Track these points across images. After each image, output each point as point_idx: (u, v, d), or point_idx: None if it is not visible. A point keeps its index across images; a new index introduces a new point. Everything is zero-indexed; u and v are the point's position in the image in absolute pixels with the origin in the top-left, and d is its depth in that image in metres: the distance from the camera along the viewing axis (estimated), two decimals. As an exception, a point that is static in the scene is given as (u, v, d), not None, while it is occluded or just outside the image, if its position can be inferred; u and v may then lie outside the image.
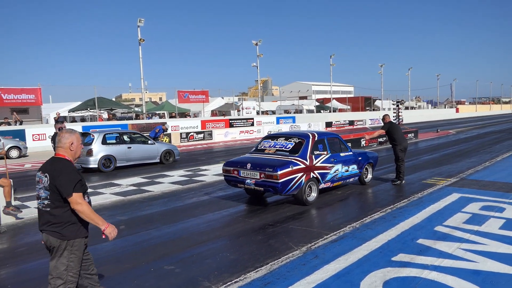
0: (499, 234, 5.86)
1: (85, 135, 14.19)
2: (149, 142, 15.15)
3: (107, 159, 13.54)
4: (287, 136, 8.85)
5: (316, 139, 8.54)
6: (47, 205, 3.34)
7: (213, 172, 12.77)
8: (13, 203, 8.14)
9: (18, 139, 19.72)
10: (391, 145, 10.38)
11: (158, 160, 15.13)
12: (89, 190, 10.19)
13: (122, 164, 14.07)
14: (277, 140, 8.80)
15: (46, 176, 3.36)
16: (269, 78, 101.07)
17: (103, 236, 3.54)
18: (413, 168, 12.45)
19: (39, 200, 3.41)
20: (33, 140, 21.63)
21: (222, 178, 11.60)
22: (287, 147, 8.40)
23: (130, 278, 4.76)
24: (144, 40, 28.62)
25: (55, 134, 8.54)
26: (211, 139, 27.94)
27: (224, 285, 4.46)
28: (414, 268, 4.72)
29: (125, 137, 14.64)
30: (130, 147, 14.32)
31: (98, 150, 13.42)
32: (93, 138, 13.59)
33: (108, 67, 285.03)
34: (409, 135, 22.97)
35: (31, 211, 8.17)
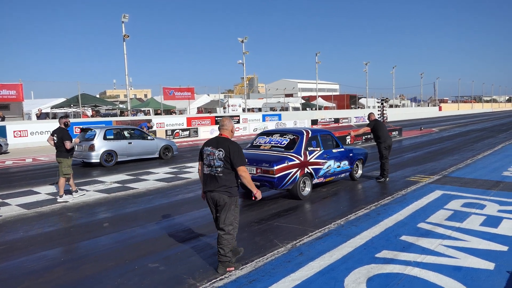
0: (479, 231, 5.98)
1: (86, 131, 14.11)
2: (149, 137, 15.37)
3: (109, 154, 13.70)
4: (282, 132, 9.05)
5: (310, 135, 8.77)
6: (221, 172, 4.59)
7: (198, 170, 12.68)
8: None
9: (-2, 135, 19.31)
10: (375, 143, 10.49)
11: (157, 155, 15.36)
12: (72, 187, 10.06)
13: (122, 159, 14.24)
14: (272, 136, 8.99)
15: (220, 151, 4.59)
16: (255, 76, 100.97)
17: (253, 198, 4.86)
18: (397, 165, 12.60)
19: (211, 168, 4.65)
20: (14, 136, 21.19)
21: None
22: (282, 143, 8.61)
23: (114, 276, 4.71)
24: (128, 36, 28.26)
25: (59, 128, 8.79)
26: (197, 136, 27.81)
27: (209, 283, 4.44)
28: (397, 264, 4.78)
29: (126, 133, 14.85)
30: (131, 143, 14.50)
31: (100, 146, 13.55)
32: (95, 134, 13.69)
33: (92, 63, 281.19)
34: (393, 133, 23.25)
35: (12, 208, 8.01)
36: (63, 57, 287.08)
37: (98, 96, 43.59)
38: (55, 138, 8.71)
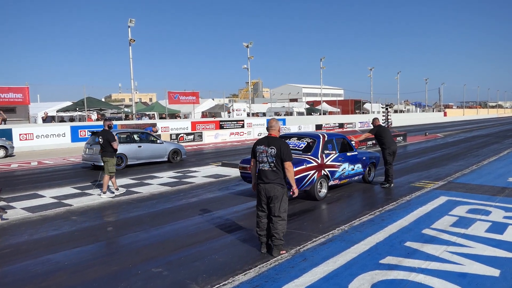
0: (485, 237, 5.93)
1: (97, 134, 14.18)
2: (158, 141, 15.57)
3: (119, 158, 13.72)
4: (299, 136, 9.43)
5: (326, 139, 9.11)
6: (274, 166, 5.29)
7: (202, 174, 12.71)
8: (-1, 204, 8.02)
9: (4, 138, 19.42)
10: (380, 149, 10.44)
11: (166, 159, 15.57)
12: (77, 191, 10.11)
13: (132, 162, 14.40)
14: (289, 139, 9.28)
15: (272, 148, 5.29)
16: (260, 80, 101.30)
17: (291, 193, 5.55)
18: (401, 171, 12.54)
19: (265, 164, 5.34)
20: (20, 139, 21.32)
21: (212, 180, 11.60)
22: (300, 146, 8.97)
23: (117, 281, 4.71)
24: (134, 40, 28.43)
25: (104, 130, 9.54)
26: (201, 140, 27.85)
27: (212, 288, 4.43)
28: (402, 270, 4.75)
29: (135, 137, 15.01)
30: (140, 146, 14.69)
31: None
32: None
33: (98, 67, 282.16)
34: (398, 138, 23.14)
35: (16, 212, 8.05)
36: (69, 61, 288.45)
37: (103, 99, 43.79)
38: (100, 140, 9.39)
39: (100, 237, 6.46)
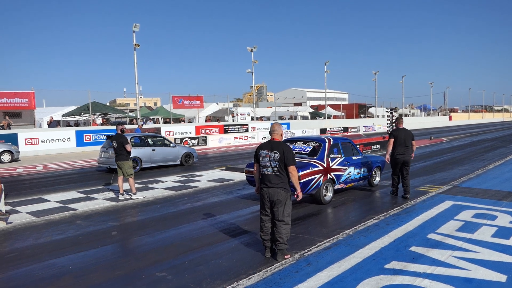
0: (491, 242, 5.88)
1: (111, 139, 14.31)
2: (171, 145, 15.86)
3: (134, 161, 13.85)
4: (305, 140, 9.46)
5: (331, 143, 9.15)
6: (277, 171, 5.27)
7: (207, 178, 12.72)
8: (4, 208, 8.07)
9: (10, 143, 19.55)
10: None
11: (179, 162, 15.88)
12: (81, 195, 10.14)
13: (146, 165, 14.70)
14: (295, 143, 9.33)
15: (275, 153, 5.26)
16: (264, 84, 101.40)
17: (295, 196, 5.44)
18: (406, 175, 12.45)
19: (268, 168, 5.31)
20: (26, 144, 21.45)
21: (216, 184, 11.60)
22: (306, 150, 9.00)
23: (122, 285, 4.71)
24: (139, 45, 28.55)
25: (117, 135, 9.79)
26: (206, 144, 27.88)
27: (216, 293, 4.42)
28: (407, 276, 4.72)
29: (149, 140, 15.30)
30: (154, 150, 14.98)
31: None
32: None
33: (102, 71, 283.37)
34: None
35: (22, 216, 8.08)
36: (74, 66, 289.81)
37: (108, 104, 43.98)
38: (114, 144, 9.62)
39: (104, 242, 6.47)
